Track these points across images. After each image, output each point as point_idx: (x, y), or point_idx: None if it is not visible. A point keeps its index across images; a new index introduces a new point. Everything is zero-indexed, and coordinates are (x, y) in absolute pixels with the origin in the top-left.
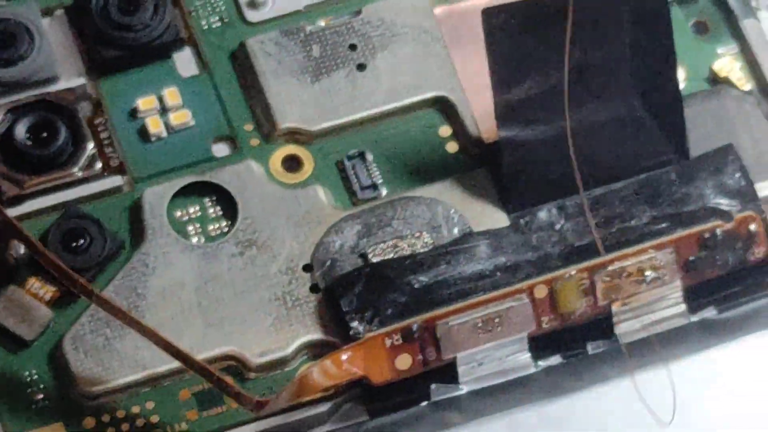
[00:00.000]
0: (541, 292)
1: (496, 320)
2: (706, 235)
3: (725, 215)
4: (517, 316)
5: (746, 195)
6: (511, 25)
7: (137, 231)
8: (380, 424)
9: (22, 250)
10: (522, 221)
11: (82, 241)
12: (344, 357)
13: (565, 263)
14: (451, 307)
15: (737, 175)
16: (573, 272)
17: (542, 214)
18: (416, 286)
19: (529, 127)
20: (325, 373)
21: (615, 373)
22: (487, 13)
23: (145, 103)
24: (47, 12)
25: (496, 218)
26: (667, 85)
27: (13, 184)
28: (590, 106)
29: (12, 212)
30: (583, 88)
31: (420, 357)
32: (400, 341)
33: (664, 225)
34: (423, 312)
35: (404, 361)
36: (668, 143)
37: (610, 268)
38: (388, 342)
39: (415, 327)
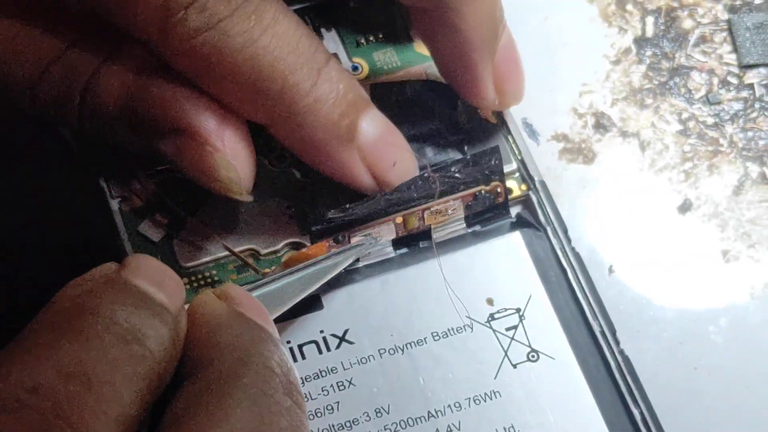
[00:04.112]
0: (399, 219)
1: (378, 231)
2: (477, 192)
3: (487, 182)
4: (388, 230)
5: (499, 172)
6: None
7: None
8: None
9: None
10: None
11: None
12: (305, 249)
13: (414, 206)
14: (358, 227)
15: (496, 160)
16: (415, 210)
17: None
18: (344, 215)
19: None
20: (299, 256)
21: (433, 256)
22: None
23: None
24: None
25: None
26: (456, 123)
27: None
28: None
29: None
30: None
31: (342, 249)
32: (333, 243)
33: (462, 186)
34: (344, 230)
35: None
36: (456, 150)
37: (433, 208)
38: (327, 244)
39: (340, 237)
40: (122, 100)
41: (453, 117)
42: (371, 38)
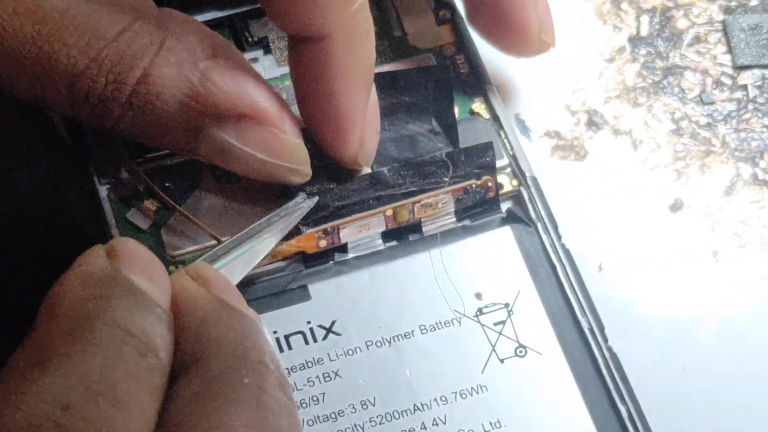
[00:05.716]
0: (389, 212)
1: (368, 224)
2: (468, 186)
3: (478, 177)
4: (377, 222)
5: (490, 167)
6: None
7: None
8: (309, 272)
9: None
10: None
11: None
12: (293, 241)
13: (402, 198)
14: (347, 219)
15: (489, 155)
16: (405, 203)
17: (388, 172)
18: (332, 207)
19: None
20: (287, 247)
21: (422, 249)
22: None
23: None
24: None
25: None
26: (449, 117)
27: None
28: (402, 122)
29: None
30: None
31: (331, 240)
32: (322, 234)
33: (450, 181)
34: (334, 220)
35: (324, 243)
36: (449, 143)
37: (423, 201)
38: (316, 235)
39: (329, 229)
40: (181, 89)
41: (447, 110)
42: None
